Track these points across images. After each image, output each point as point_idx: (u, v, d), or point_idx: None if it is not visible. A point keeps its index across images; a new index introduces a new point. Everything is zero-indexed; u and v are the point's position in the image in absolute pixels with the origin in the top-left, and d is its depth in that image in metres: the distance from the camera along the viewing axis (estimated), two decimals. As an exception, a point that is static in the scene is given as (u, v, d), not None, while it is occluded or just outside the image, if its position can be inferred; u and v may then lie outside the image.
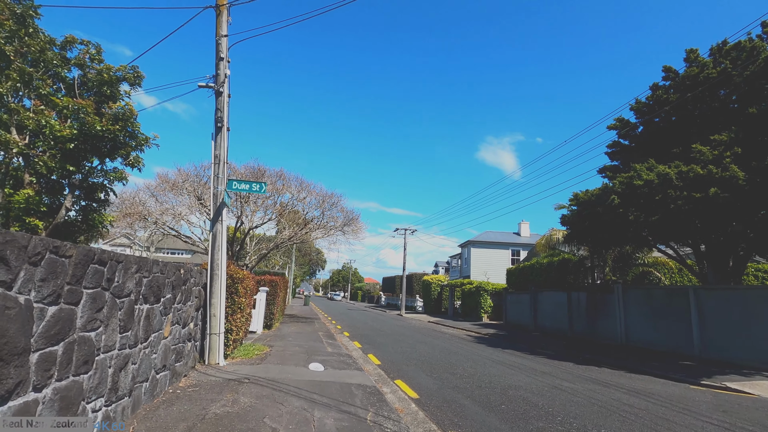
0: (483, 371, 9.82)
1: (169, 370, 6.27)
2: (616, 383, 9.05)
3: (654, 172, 12.25)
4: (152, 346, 5.47)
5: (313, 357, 10.14)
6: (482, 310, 29.17)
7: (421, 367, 10.18)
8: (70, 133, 6.69)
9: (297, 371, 8.26)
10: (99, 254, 3.92)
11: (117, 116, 7.31)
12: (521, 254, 43.58)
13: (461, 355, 12.49)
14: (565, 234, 23.85)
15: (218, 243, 8.52)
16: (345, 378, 7.95)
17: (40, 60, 7.05)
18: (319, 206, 20.92)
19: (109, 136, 7.19)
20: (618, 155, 16.92)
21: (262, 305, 15.53)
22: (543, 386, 8.36)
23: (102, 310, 4.02)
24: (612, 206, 12.88)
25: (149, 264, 5.19)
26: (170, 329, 6.20)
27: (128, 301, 4.61)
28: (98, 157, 7.52)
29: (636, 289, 16.28)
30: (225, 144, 8.72)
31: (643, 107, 15.53)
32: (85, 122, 6.82)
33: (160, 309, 5.72)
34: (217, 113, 8.66)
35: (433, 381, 8.54)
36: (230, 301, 9.35)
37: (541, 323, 21.70)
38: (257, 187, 9.00)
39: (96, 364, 3.94)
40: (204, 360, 8.30)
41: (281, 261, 52.72)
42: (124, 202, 18.01)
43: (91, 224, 7.96)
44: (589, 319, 18.11)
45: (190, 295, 7.34)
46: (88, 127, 6.84)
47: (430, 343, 15.48)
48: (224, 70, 8.72)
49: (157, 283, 5.46)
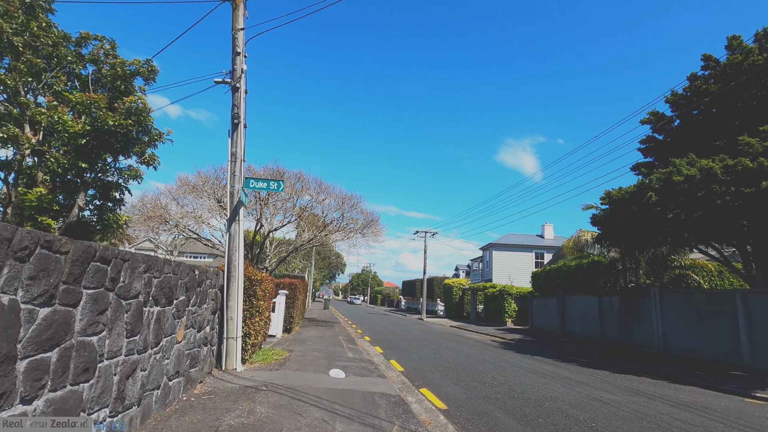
0: (514, 380, 9.20)
1: (183, 377, 5.94)
2: (661, 395, 8.30)
3: (696, 167, 11.41)
4: (164, 351, 5.15)
5: (333, 363, 9.73)
6: (506, 314, 28.27)
7: (447, 374, 9.63)
8: (82, 129, 6.49)
9: (317, 378, 7.85)
10: (101, 251, 3.59)
11: (130, 111, 7.10)
12: (545, 257, 42.35)
13: (488, 362, 11.87)
14: (595, 235, 22.86)
15: (235, 244, 8.22)
16: (367, 386, 7.50)
17: (53, 55, 6.91)
18: (338, 208, 20.63)
19: (122, 132, 6.98)
20: (652, 151, 16.01)
21: (282, 308, 15.26)
22: (581, 397, 7.70)
23: (105, 313, 3.69)
24: (649, 204, 12.06)
25: (160, 263, 4.87)
26: (184, 333, 5.88)
27: (136, 303, 4.29)
28: (111, 154, 7.32)
29: (674, 292, 15.29)
30: (242, 141, 8.44)
31: (680, 99, 14.61)
32: (98, 117, 6.63)
33: (173, 312, 5.40)
34: (233, 109, 8.39)
35: (461, 390, 8.00)
36: (248, 304, 9.04)
37: (570, 328, 20.76)
38: (275, 186, 8.68)
39: (98, 371, 3.61)
40: (221, 365, 7.99)
41: (301, 264, 52.81)
42: (146, 205, 18.10)
43: (106, 224, 7.78)
44: (622, 324, 17.15)
45: (206, 298, 7.03)
46: (100, 122, 6.64)
47: (455, 348, 14.88)
48: (241, 64, 8.45)
49: (168, 285, 5.14)
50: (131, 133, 7.19)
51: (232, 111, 8.41)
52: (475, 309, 34.81)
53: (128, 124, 7.01)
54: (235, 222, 8.30)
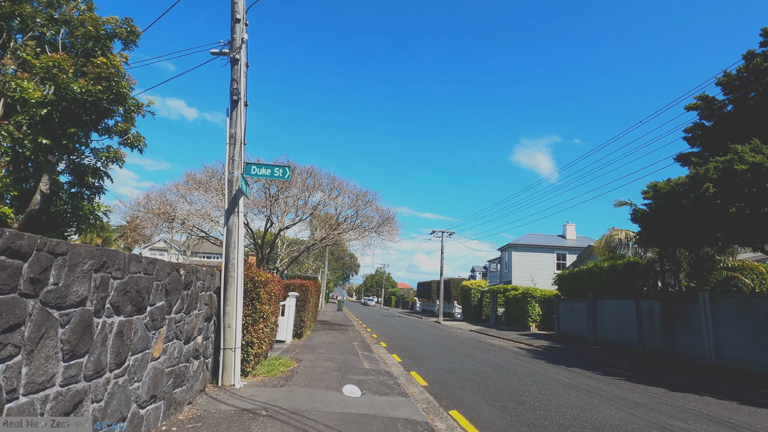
0: (557, 399, 7.87)
1: (163, 400, 4.82)
2: (741, 423, 6.87)
3: (764, 154, 9.89)
4: (132, 372, 4.03)
5: (347, 376, 8.54)
6: (530, 318, 26.70)
7: (478, 391, 8.35)
8: (41, 96, 5.43)
9: (328, 397, 6.67)
10: (10, 240, 2.46)
11: (100, 76, 6.00)
12: (567, 258, 40.50)
13: (521, 374, 10.52)
14: (629, 234, 21.20)
15: (233, 239, 7.11)
16: (387, 409, 6.28)
17: (15, 14, 5.87)
18: (352, 205, 19.48)
19: (90, 100, 5.88)
20: (699, 139, 14.44)
21: (292, 312, 14.16)
22: (646, 426, 6.35)
23: (19, 329, 2.56)
24: (705, 197, 10.57)
25: (121, 260, 3.74)
26: (163, 347, 4.76)
27: (81, 313, 3.16)
28: (80, 129, 6.22)
29: (728, 297, 13.66)
30: (242, 121, 7.33)
31: (734, 80, 13.04)
32: (61, 83, 5.53)
33: (146, 322, 4.28)
34: (232, 84, 7.28)
35: (498, 413, 6.72)
36: (251, 309, 7.92)
37: (603, 335, 19.18)
38: (280, 172, 7.54)
39: (5, 413, 2.48)
40: (217, 380, 6.87)
41: (314, 265, 51.93)
42: (150, 202, 17.24)
43: (81, 215, 6.70)
44: (664, 332, 15.55)
45: (197, 302, 5.92)
46: (63, 88, 5.56)
47: (480, 357, 13.55)
48: (241, 33, 7.35)
49: (137, 287, 4.02)
50: (102, 103, 6.08)
51: (230, 86, 7.30)
52: (495, 312, 33.28)
53: (97, 91, 5.89)
54: (234, 214, 7.18)
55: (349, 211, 19.70)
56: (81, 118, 6.07)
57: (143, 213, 16.91)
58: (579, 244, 40.90)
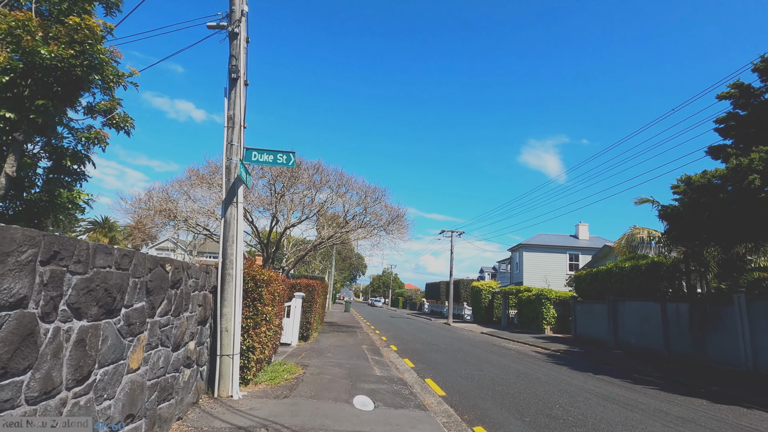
0: (592, 413, 7.03)
1: (144, 419, 4.09)
2: (810, 444, 5.99)
3: (816, 141, 8.98)
4: (99, 389, 3.29)
5: (358, 385, 7.78)
6: (544, 320, 25.74)
7: (502, 402, 7.54)
8: (4, 60, 4.70)
9: (337, 411, 5.91)
10: None
11: (73, 40, 5.28)
12: (580, 258, 39.43)
13: (546, 383, 9.68)
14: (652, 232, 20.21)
15: (231, 232, 6.38)
16: (405, 425, 5.51)
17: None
18: (360, 202, 18.72)
19: (61, 66, 5.16)
20: (733, 130, 13.46)
21: (298, 313, 13.43)
22: (704, 448, 5.50)
23: None
24: (750, 190, 9.67)
25: (82, 251, 3.01)
26: (144, 356, 4.03)
27: (17, 317, 2.43)
28: (50, 100, 5.48)
29: (767, 299, 12.68)
30: (242, 102, 6.61)
31: (774, 66, 12.09)
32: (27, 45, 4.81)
33: (119, 327, 3.55)
34: (231, 61, 6.56)
35: (529, 431, 5.91)
36: (252, 311, 7.19)
37: (624, 339, 18.20)
38: (284, 158, 6.80)
39: None
40: (213, 390, 6.15)
41: (321, 265, 51.33)
42: (151, 199, 16.64)
43: (58, 203, 6.00)
44: (693, 336, 14.58)
45: (188, 303, 5.20)
46: (29, 52, 4.84)
47: (497, 362, 12.70)
48: (240, 5, 6.63)
49: (105, 285, 3.29)
50: (75, 70, 5.35)
51: (229, 63, 6.58)
52: (507, 314, 32.33)
53: (69, 56, 5.16)
54: (233, 204, 6.45)
55: (358, 209, 18.97)
56: (51, 89, 5.32)
57: (144, 210, 16.31)
58: (592, 245, 39.80)
